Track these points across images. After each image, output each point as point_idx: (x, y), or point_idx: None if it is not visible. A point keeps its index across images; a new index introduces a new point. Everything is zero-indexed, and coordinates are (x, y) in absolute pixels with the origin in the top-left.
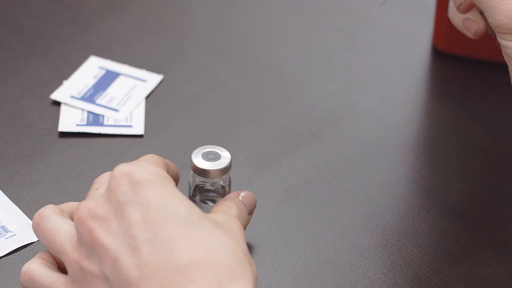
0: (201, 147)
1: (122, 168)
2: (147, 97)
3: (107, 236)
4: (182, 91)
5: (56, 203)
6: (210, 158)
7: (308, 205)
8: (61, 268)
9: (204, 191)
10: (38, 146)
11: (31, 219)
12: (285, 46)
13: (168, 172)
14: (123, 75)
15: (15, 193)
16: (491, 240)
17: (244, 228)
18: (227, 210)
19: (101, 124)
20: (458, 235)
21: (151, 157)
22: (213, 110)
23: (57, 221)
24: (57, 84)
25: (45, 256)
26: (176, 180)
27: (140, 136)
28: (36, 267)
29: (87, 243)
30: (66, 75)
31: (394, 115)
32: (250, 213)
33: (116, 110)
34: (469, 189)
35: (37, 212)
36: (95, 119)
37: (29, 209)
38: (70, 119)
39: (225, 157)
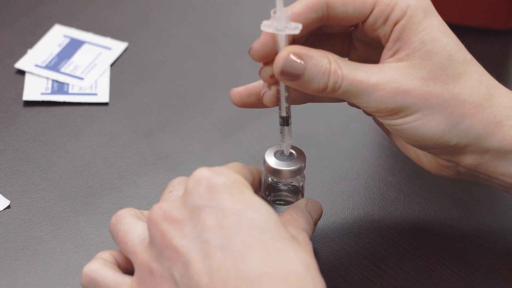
0: (275, 146)
1: (201, 172)
2: (112, 65)
3: (180, 239)
4: (147, 58)
5: (21, 171)
6: (284, 158)
7: None
8: (122, 269)
9: (276, 191)
10: (2, 116)
11: None
12: (252, 13)
13: (254, 179)
14: (87, 43)
15: None
16: (458, 203)
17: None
18: (295, 222)
19: (66, 93)
20: (424, 199)
21: (235, 165)
22: (178, 78)
23: (131, 222)
24: (22, 53)
25: (106, 256)
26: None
27: (105, 104)
28: (99, 269)
29: (159, 245)
30: (31, 44)
31: None
32: (315, 223)
33: (81, 78)
34: None
35: (115, 214)
36: (60, 87)
37: None
38: (34, 88)
39: (299, 157)
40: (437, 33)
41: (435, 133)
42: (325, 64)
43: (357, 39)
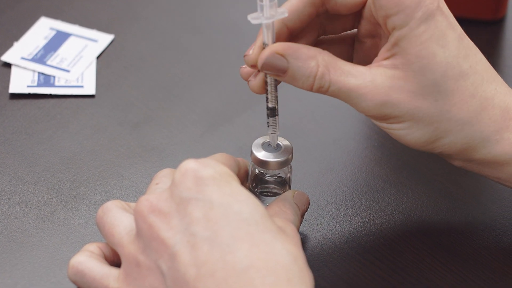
0: (262, 137)
1: (188, 164)
2: (98, 57)
3: (167, 231)
4: (133, 50)
5: (7, 164)
6: (271, 149)
7: None
8: (109, 261)
9: (263, 182)
10: None
11: None
12: (239, 4)
13: (240, 170)
14: (74, 36)
15: None
16: (444, 193)
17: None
18: (282, 214)
19: (52, 85)
20: (411, 189)
21: (220, 156)
22: (165, 70)
23: (117, 214)
24: (8, 46)
25: (93, 249)
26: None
27: (92, 96)
28: (85, 261)
29: (146, 237)
30: (17, 36)
31: None
32: (303, 215)
33: (67, 71)
34: None
35: (101, 206)
36: (46, 80)
37: None
38: (21, 81)
39: (286, 148)
40: (434, 48)
41: (418, 143)
42: (311, 66)
43: (364, 18)
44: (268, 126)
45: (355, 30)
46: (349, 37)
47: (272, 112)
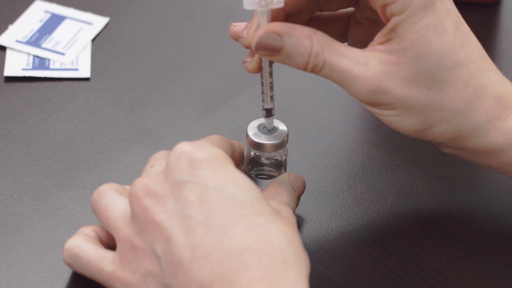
0: (257, 120)
1: (183, 147)
2: (93, 40)
3: (162, 214)
4: (128, 33)
5: (2, 147)
6: (266, 132)
7: None
8: (104, 244)
9: (259, 165)
10: None
11: None
12: None
13: (234, 152)
14: (68, 19)
15: None
16: (440, 175)
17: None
18: (278, 197)
19: (47, 68)
20: (407, 172)
21: (214, 138)
22: (159, 52)
23: (112, 197)
24: (2, 28)
25: (88, 232)
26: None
27: (87, 79)
28: (80, 244)
29: (141, 220)
30: (12, 19)
31: None
32: (298, 197)
33: (62, 54)
34: None
35: (96, 189)
36: (41, 63)
37: None
38: (15, 64)
39: (282, 131)
40: (431, 36)
41: (409, 130)
42: (305, 45)
43: (362, 2)
44: (263, 111)
45: (351, 9)
46: (344, 16)
47: (268, 113)
